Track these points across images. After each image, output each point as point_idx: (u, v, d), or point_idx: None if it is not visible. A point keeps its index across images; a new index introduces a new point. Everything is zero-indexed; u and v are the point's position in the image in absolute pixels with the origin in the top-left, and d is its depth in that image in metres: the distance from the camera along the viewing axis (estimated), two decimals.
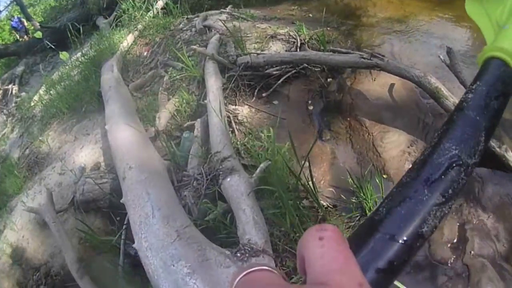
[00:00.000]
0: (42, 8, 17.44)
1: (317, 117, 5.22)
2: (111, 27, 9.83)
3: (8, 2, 15.26)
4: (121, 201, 4.19)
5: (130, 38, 8.59)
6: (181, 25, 8.39)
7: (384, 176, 4.16)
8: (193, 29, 7.87)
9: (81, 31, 11.70)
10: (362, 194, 3.82)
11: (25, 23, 14.33)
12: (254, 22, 7.77)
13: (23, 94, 11.04)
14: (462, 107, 0.86)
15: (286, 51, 6.26)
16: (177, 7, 9.02)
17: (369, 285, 0.50)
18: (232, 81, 5.64)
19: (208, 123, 4.88)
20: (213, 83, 5.44)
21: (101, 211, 5.27)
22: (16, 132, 9.19)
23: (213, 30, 7.47)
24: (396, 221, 0.71)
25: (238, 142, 4.76)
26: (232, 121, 5.11)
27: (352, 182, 3.98)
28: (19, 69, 12.50)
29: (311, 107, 5.32)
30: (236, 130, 5.05)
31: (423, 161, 0.80)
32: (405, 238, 0.68)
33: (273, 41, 6.67)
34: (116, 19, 9.67)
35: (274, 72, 5.65)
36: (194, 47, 6.03)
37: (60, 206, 5.56)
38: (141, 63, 8.04)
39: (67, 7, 14.45)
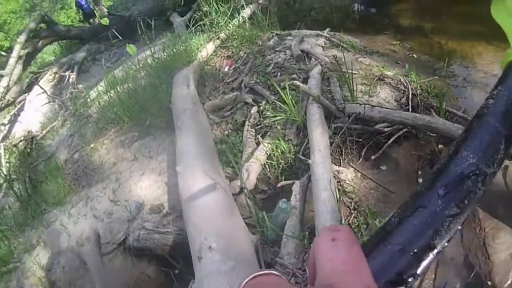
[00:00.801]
0: None
1: None
2: (188, 29, 8.50)
3: None
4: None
5: (210, 47, 7.32)
6: (271, 41, 7.06)
7: (489, 283, 3.53)
8: (287, 51, 6.56)
9: (153, 25, 10.61)
10: None
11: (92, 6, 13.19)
12: (356, 54, 6.54)
13: (81, 85, 9.89)
14: (482, 114, 0.82)
15: (396, 101, 5.24)
16: (266, 18, 7.67)
17: None
18: (339, 135, 4.50)
19: (308, 188, 4.06)
20: (320, 137, 4.21)
21: (156, 257, 4.41)
22: (66, 128, 8.06)
23: (312, 59, 6.20)
24: (407, 232, 0.69)
25: (343, 221, 3.72)
26: (335, 189, 3.90)
27: None
28: (80, 55, 11.38)
29: (420, 180, 4.36)
30: (339, 202, 3.86)
31: (439, 170, 0.77)
32: (415, 250, 0.66)
33: (381, 85, 5.53)
34: (194, 21, 8.29)
35: (385, 130, 4.59)
36: (297, 83, 4.70)
37: (107, 241, 4.67)
38: (221, 79, 6.78)
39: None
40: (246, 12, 8.00)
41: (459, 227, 0.71)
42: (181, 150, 4.66)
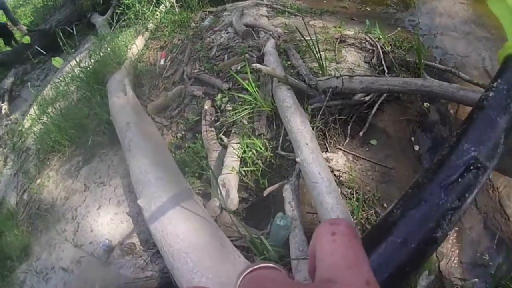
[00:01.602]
0: (31, 8, 14.77)
1: (428, 163, 3.60)
2: (113, 28, 7.40)
3: None
4: None
5: (140, 42, 6.31)
6: (205, 21, 6.09)
7: None
8: (229, 29, 5.61)
9: (74, 31, 9.44)
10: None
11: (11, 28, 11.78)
12: (305, 18, 5.54)
13: (13, 115, 8.74)
14: (483, 106, 0.79)
15: (366, 63, 4.50)
16: None
17: (377, 284, 0.49)
18: (319, 117, 3.65)
19: (299, 187, 3.33)
20: (301, 127, 3.34)
21: None
22: (9, 166, 6.96)
23: (261, 32, 5.28)
24: (409, 224, 0.67)
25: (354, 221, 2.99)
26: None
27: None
28: (8, 81, 10.13)
29: (417, 147, 3.82)
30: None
31: (441, 161, 0.75)
32: (417, 243, 0.64)
33: (344, 48, 4.72)
34: (117, 17, 7.21)
35: (366, 99, 3.88)
36: (258, 66, 3.69)
37: None
38: (159, 74, 5.80)
39: (55, 5, 11.87)
40: None
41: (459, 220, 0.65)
42: (137, 179, 3.72)
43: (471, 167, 0.71)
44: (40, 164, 5.95)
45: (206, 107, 4.45)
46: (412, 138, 3.83)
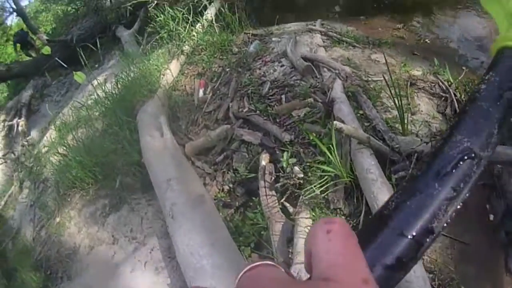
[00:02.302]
0: (53, 14, 13.86)
1: (502, 235, 3.00)
2: (142, 47, 6.48)
3: (7, 14, 11.75)
4: None
5: (174, 66, 5.41)
6: (251, 47, 5.19)
7: None
8: (283, 61, 4.70)
9: (98, 44, 8.57)
10: None
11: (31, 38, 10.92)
12: (364, 49, 4.80)
13: (30, 137, 7.91)
14: (475, 98, 0.74)
15: (440, 113, 3.81)
16: (235, 16, 5.74)
17: (375, 281, 0.48)
18: None
19: None
20: None
21: None
22: (25, 194, 6.13)
23: (323, 68, 4.30)
24: (405, 215, 0.63)
25: None
26: None
27: None
28: (26, 94, 9.31)
29: (492, 216, 3.11)
30: None
31: (434, 154, 0.69)
32: (414, 234, 0.60)
33: (416, 92, 4.01)
34: (147, 35, 6.29)
35: None
36: (340, 125, 2.82)
37: None
38: (197, 107, 4.90)
39: (77, 15, 10.97)
40: (210, 12, 5.97)
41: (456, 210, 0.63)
42: (187, 262, 2.79)
43: (465, 157, 0.66)
44: (59, 199, 5.16)
45: (263, 162, 3.52)
46: (487, 206, 3.20)
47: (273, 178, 3.37)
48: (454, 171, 0.66)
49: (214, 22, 5.69)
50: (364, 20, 6.01)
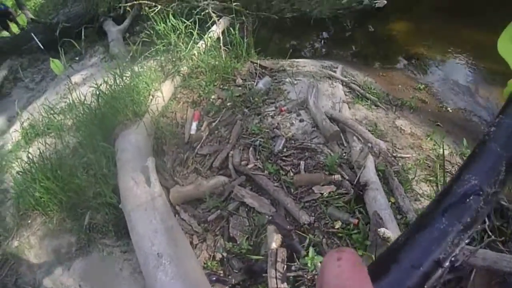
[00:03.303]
0: None
1: None
2: (131, 54, 5.47)
3: None
4: None
5: (167, 88, 4.47)
6: (260, 84, 4.28)
7: None
8: (303, 114, 3.85)
9: (83, 35, 7.53)
10: None
11: (14, 13, 9.63)
12: (387, 111, 4.10)
13: None
14: (484, 141, 0.78)
15: None
16: (241, 41, 4.83)
17: None
18: None
19: None
20: None
21: None
22: None
23: (350, 134, 3.53)
24: (413, 249, 0.66)
25: None
26: None
27: None
28: (0, 74, 8.14)
29: None
30: None
31: (444, 192, 0.75)
32: (421, 266, 0.63)
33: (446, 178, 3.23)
34: (140, 41, 5.26)
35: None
36: (387, 232, 2.14)
37: None
38: (189, 145, 4.02)
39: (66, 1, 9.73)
40: (216, 30, 5.02)
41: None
42: None
43: (472, 194, 0.69)
44: (19, 218, 4.23)
45: (274, 245, 2.70)
46: None
47: (284, 267, 2.56)
48: (461, 206, 0.68)
49: (220, 42, 4.73)
50: (381, 71, 5.25)
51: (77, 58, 7.37)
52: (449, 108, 4.54)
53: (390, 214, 2.61)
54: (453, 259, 0.66)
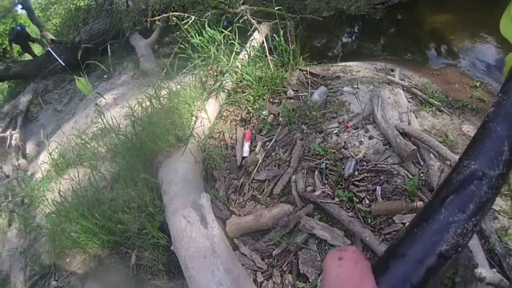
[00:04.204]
0: (64, 8, 11.94)
1: None
2: (164, 70, 4.97)
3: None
4: None
5: (212, 107, 3.94)
6: (316, 95, 3.69)
7: None
8: (371, 130, 3.29)
9: (109, 51, 7.13)
10: None
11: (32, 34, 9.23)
12: (451, 115, 3.54)
13: (27, 148, 6.48)
14: (484, 123, 0.73)
15: None
16: (286, 48, 4.27)
17: None
18: None
19: None
20: None
21: None
22: (15, 232, 4.70)
23: (426, 151, 2.99)
24: (413, 242, 0.64)
25: None
26: None
27: None
28: (24, 99, 7.81)
29: None
30: None
31: (443, 183, 0.71)
32: (422, 259, 0.61)
33: None
34: (174, 54, 4.76)
35: None
36: (483, 272, 1.87)
37: None
38: (242, 167, 3.50)
39: (90, 13, 9.31)
40: (258, 38, 4.46)
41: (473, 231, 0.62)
42: None
43: (472, 179, 0.64)
44: (55, 257, 3.82)
45: None
46: None
47: None
48: (460, 193, 0.64)
49: (266, 51, 4.18)
50: (434, 69, 4.69)
51: (105, 76, 6.95)
52: None
53: (478, 244, 2.24)
54: (459, 248, 0.62)
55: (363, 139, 3.16)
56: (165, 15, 5.05)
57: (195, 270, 2.49)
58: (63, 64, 7.26)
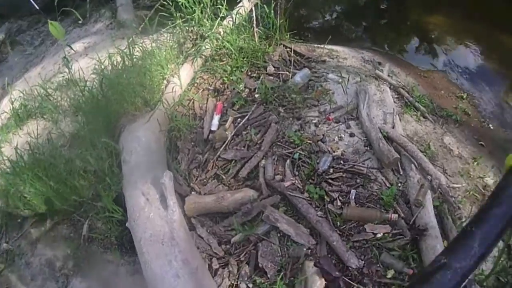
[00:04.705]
0: None
1: None
2: (142, 25, 4.58)
3: None
4: None
5: (186, 73, 3.64)
6: (297, 77, 3.44)
7: None
8: (353, 126, 3.10)
9: None
10: None
11: None
12: (435, 124, 3.42)
13: None
14: (465, 226, 0.80)
15: None
16: (274, 20, 3.96)
17: None
18: None
19: None
20: None
21: None
22: None
23: (407, 159, 2.85)
24: None
25: None
26: None
27: None
28: None
29: None
30: None
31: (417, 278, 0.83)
32: None
33: None
34: (153, 11, 4.37)
35: None
36: None
37: None
38: (209, 144, 3.26)
39: None
40: (246, 5, 4.12)
41: None
42: None
43: (438, 270, 0.72)
44: (7, 218, 3.53)
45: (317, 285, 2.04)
46: None
47: None
48: (427, 283, 0.71)
49: (253, 20, 3.86)
50: (422, 70, 4.52)
51: (80, 22, 6.48)
52: (491, 125, 3.89)
53: None
54: None
55: (343, 135, 2.96)
56: None
57: (150, 257, 2.29)
58: (36, 6, 6.73)
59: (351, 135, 2.96)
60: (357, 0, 5.59)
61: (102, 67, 3.66)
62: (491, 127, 3.87)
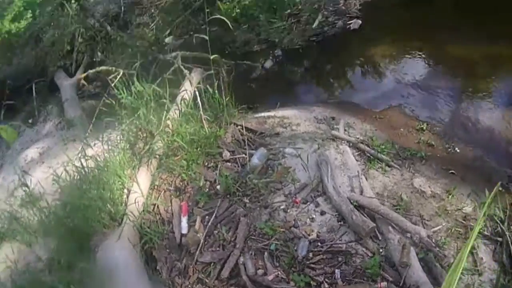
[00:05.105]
0: None
1: None
2: (89, 128, 4.53)
3: None
4: None
5: (144, 178, 3.62)
6: (255, 159, 3.48)
7: None
8: (321, 203, 3.15)
9: (34, 92, 6.52)
10: None
11: None
12: (401, 169, 3.48)
13: None
14: None
15: (495, 261, 2.80)
16: (220, 99, 4.00)
17: None
18: None
19: None
20: None
21: None
22: None
23: (383, 223, 2.92)
24: None
25: None
26: None
27: None
28: None
29: None
30: None
31: None
32: None
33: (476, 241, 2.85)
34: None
35: None
36: None
37: None
38: (181, 248, 3.24)
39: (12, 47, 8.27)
40: (188, 89, 4.09)
41: None
42: None
43: None
44: None
45: None
46: None
47: None
48: None
49: (199, 105, 3.88)
50: (377, 112, 4.55)
51: (30, 121, 6.35)
52: (457, 148, 3.94)
53: None
54: None
55: (314, 216, 3.02)
56: (91, 71, 4.64)
57: None
58: None
59: (322, 213, 3.02)
60: (296, 52, 5.59)
61: (62, 183, 3.61)
62: (458, 150, 3.93)
